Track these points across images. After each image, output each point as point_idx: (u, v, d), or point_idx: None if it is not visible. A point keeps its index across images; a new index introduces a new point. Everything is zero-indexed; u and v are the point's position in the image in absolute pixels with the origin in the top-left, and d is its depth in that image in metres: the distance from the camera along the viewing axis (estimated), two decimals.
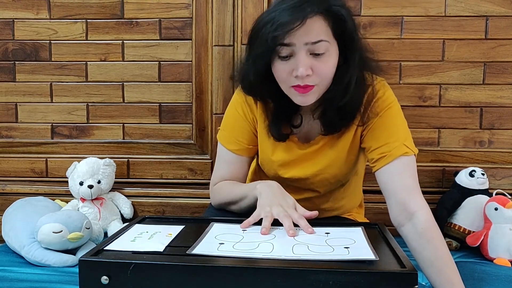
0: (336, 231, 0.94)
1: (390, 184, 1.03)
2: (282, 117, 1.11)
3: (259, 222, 0.97)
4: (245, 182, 1.24)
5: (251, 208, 1.03)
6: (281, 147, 1.15)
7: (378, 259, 0.77)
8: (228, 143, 1.19)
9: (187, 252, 0.80)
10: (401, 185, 1.02)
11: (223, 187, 1.18)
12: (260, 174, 1.28)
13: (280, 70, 0.99)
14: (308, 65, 0.96)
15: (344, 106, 1.03)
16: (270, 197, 0.99)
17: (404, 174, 1.02)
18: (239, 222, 0.98)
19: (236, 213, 1.15)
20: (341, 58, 1.01)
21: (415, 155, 1.05)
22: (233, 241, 0.87)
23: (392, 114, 1.08)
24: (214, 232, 0.94)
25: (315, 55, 0.97)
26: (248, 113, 1.16)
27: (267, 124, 1.13)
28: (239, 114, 1.17)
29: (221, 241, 0.87)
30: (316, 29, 0.95)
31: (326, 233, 0.93)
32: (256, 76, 1.04)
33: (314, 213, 0.96)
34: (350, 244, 0.86)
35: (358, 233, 0.94)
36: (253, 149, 1.20)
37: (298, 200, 1.23)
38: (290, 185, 1.20)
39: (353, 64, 1.01)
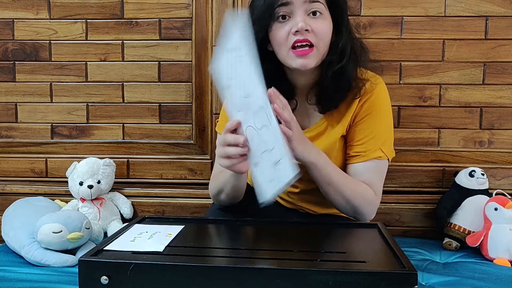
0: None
1: (358, 177, 1.10)
2: None
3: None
4: None
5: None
6: None
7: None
8: None
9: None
10: (367, 181, 1.09)
11: (216, 175, 1.19)
12: None
13: (279, 32, 1.02)
14: (307, 22, 1.00)
15: (340, 73, 1.06)
16: None
17: (372, 174, 1.10)
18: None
19: (235, 214, 1.16)
20: (334, 31, 1.05)
21: (389, 160, 1.13)
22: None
23: (378, 117, 1.11)
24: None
25: (312, 15, 1.01)
26: None
27: None
28: None
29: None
30: None
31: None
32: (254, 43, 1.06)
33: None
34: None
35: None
36: None
37: (296, 193, 1.23)
38: None
39: (345, 35, 1.06)
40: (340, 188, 1.05)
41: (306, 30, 1.00)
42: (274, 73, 1.08)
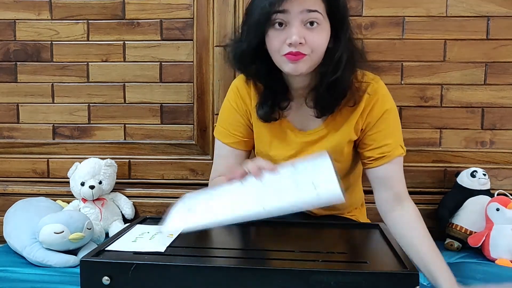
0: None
1: (388, 179, 1.12)
2: (270, 98, 1.13)
3: None
4: None
5: None
6: (278, 136, 1.16)
7: (343, 199, 0.77)
8: (224, 137, 1.21)
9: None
10: (398, 180, 1.12)
11: (218, 182, 1.18)
12: None
13: (274, 39, 1.01)
14: (302, 34, 0.98)
15: (334, 83, 1.05)
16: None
17: (400, 171, 1.13)
18: None
19: None
20: (332, 39, 1.04)
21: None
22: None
23: (392, 116, 1.13)
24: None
25: (309, 25, 0.99)
26: (241, 106, 1.18)
27: (255, 106, 1.15)
28: (232, 107, 1.19)
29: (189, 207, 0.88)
30: (312, 0, 0.98)
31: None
32: (249, 47, 1.05)
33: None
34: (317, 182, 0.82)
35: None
36: (249, 142, 1.22)
37: None
38: None
39: (343, 43, 1.04)
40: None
41: (300, 43, 0.99)
42: (269, 72, 1.08)
